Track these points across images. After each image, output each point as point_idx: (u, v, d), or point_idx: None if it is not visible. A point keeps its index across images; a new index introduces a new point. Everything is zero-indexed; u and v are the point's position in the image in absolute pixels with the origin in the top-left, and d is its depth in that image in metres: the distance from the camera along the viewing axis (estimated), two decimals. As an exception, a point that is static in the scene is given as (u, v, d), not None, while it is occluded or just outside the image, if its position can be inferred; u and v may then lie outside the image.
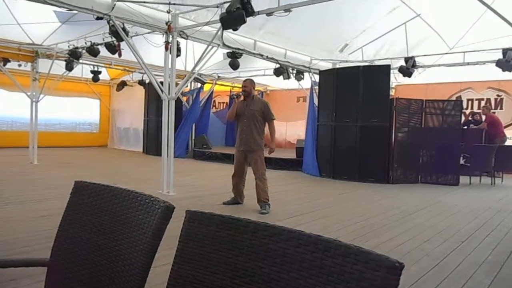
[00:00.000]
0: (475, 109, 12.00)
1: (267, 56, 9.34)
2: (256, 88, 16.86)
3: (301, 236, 0.95)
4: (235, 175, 5.91)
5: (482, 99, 12.10)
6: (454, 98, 12.08)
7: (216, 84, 14.74)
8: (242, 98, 5.76)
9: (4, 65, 10.18)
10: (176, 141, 10.46)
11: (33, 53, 10.29)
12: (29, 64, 10.54)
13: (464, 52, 9.65)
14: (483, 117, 10.98)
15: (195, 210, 1.13)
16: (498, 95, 11.91)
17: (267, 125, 5.86)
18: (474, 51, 9.40)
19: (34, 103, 10.40)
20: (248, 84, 5.81)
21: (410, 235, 4.62)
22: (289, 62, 10.19)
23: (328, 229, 4.80)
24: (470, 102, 12.32)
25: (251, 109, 5.71)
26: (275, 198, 6.60)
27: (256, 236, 1.01)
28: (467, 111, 11.91)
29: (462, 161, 9.21)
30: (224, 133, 15.96)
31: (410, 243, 4.28)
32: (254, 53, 9.01)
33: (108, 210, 1.33)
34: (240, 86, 6.20)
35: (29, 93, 10.41)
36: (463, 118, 10.30)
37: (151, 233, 1.18)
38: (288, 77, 10.96)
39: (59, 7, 5.89)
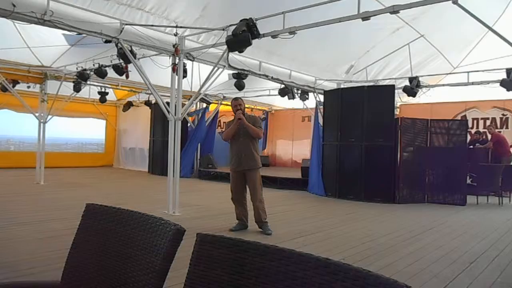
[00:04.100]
0: (481, 129, 11.98)
1: (272, 77, 9.43)
2: (261, 108, 16.84)
3: (310, 259, 0.96)
4: (236, 199, 5.72)
5: (488, 119, 12.09)
6: (459, 117, 12.10)
7: (221, 104, 14.86)
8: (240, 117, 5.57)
9: (14, 86, 10.35)
10: (182, 161, 10.50)
11: (42, 75, 10.50)
12: (38, 85, 10.72)
13: (468, 72, 9.72)
14: (489, 136, 10.97)
15: (206, 233, 1.15)
16: (503, 114, 11.90)
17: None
18: (478, 71, 9.47)
19: (42, 124, 10.52)
20: (242, 102, 5.75)
21: (418, 256, 4.57)
22: (294, 83, 10.28)
23: (335, 250, 4.77)
24: (475, 121, 12.32)
25: (246, 127, 5.60)
26: (280, 218, 6.58)
27: (265, 259, 1.02)
28: (473, 131, 11.88)
29: (468, 181, 9.14)
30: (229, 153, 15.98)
31: (418, 264, 4.24)
32: (259, 74, 9.11)
33: (119, 232, 1.35)
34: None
35: (37, 114, 10.55)
36: (468, 138, 10.28)
37: (162, 255, 1.19)
38: (293, 97, 11.06)
39: (69, 31, 6.03)
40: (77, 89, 10.87)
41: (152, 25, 6.76)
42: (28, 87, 10.86)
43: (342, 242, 5.24)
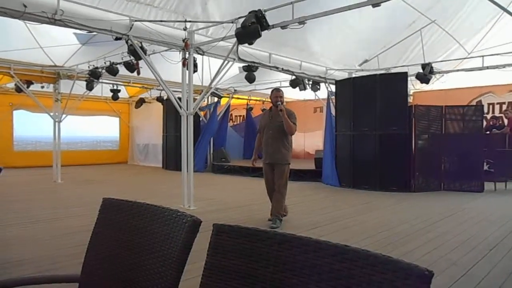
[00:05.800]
0: (497, 113, 11.74)
1: (282, 68, 9.37)
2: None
3: (328, 247, 0.96)
4: (270, 192, 5.66)
5: (504, 103, 11.85)
6: (474, 103, 11.88)
7: (232, 97, 14.87)
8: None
9: (28, 87, 10.52)
10: (195, 155, 10.54)
11: (55, 75, 10.64)
12: (52, 85, 10.87)
13: (483, 56, 9.50)
14: (506, 121, 10.76)
15: (222, 224, 1.15)
16: (520, 98, 11.65)
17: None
18: (493, 54, 9.26)
19: (57, 123, 10.68)
20: (283, 94, 5.67)
21: (436, 244, 4.52)
22: (304, 73, 10.21)
23: (351, 240, 4.75)
24: (491, 106, 12.08)
25: (278, 121, 5.53)
26: (296, 209, 6.58)
27: (283, 248, 1.02)
28: (489, 116, 11.66)
29: (486, 167, 9.00)
30: (242, 146, 16.02)
31: (436, 252, 4.20)
32: (269, 66, 9.07)
33: (136, 225, 1.36)
34: (269, 98, 5.72)
35: (52, 114, 10.71)
36: (484, 123, 10.09)
37: (179, 247, 1.20)
38: (304, 88, 10.99)
39: (80, 29, 6.07)
40: (89, 87, 10.99)
41: (161, 21, 6.76)
42: (42, 87, 11.04)
43: (359, 232, 5.21)
